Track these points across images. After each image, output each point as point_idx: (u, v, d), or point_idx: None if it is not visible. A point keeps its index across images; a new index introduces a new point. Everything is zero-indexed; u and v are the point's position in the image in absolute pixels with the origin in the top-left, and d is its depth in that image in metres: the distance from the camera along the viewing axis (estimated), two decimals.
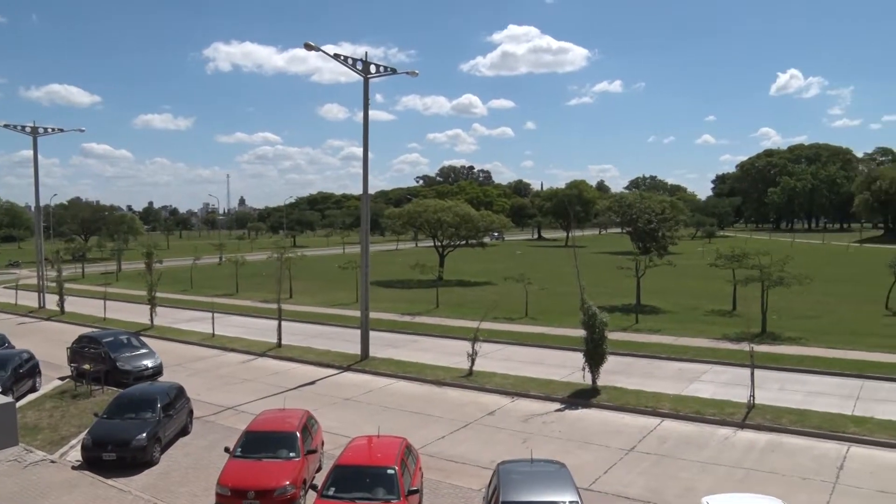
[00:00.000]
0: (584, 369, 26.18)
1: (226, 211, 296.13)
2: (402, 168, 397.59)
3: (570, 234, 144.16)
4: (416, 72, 35.58)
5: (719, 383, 27.53)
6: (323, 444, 19.84)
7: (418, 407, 25.50)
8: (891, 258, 46.24)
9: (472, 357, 29.10)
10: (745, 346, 26.90)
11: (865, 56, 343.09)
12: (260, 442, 17.68)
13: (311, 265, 78.20)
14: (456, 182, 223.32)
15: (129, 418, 20.48)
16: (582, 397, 25.69)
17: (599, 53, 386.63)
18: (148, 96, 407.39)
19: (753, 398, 23.48)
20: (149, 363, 29.97)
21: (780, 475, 18.37)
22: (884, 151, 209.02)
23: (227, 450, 17.87)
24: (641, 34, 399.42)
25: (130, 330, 36.44)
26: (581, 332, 26.51)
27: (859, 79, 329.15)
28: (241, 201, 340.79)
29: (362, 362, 32.21)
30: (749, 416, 22.74)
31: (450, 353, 32.67)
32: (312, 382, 29.43)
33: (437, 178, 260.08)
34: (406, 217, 73.91)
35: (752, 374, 23.78)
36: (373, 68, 32.20)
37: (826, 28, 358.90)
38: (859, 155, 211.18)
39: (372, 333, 33.93)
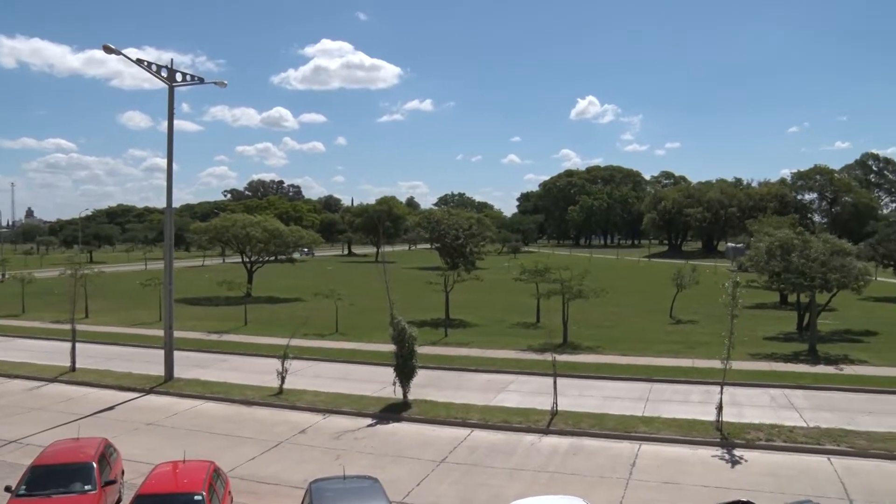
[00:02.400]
0: (394, 384, 26.40)
1: (10, 223, 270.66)
2: (209, 181, 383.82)
3: (380, 250, 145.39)
4: (225, 82, 34.77)
5: (525, 392, 28.72)
6: (123, 473, 18.55)
7: (227, 428, 24.58)
8: (673, 272, 50.82)
9: (282, 375, 28.48)
10: (548, 356, 28.30)
11: (652, 89, 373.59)
12: (49, 476, 15.98)
13: (110, 282, 73.59)
14: (265, 197, 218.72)
15: None
16: (393, 412, 25.89)
17: (411, 72, 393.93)
18: None
19: (556, 405, 24.74)
20: None
21: (582, 476, 19.48)
22: (667, 175, 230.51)
23: (7, 489, 15.87)
24: (452, 56, 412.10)
25: None
26: (391, 347, 26.81)
27: (647, 109, 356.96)
28: (29, 213, 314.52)
29: (166, 384, 30.64)
30: (553, 422, 23.93)
31: (259, 372, 31.80)
32: (111, 408, 27.56)
33: (246, 193, 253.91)
34: (213, 232, 71.54)
35: (555, 382, 25.01)
36: (179, 76, 30.98)
37: (619, 60, 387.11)
38: (647, 177, 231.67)
39: (177, 353, 32.37)
